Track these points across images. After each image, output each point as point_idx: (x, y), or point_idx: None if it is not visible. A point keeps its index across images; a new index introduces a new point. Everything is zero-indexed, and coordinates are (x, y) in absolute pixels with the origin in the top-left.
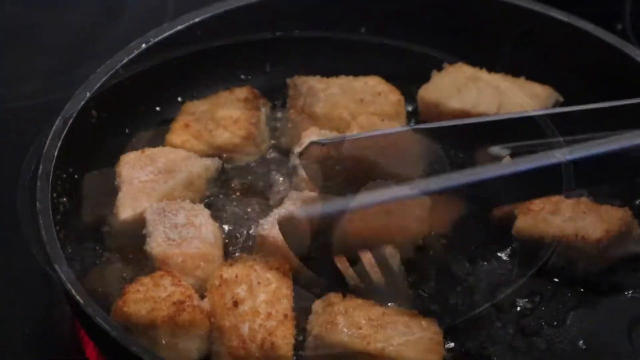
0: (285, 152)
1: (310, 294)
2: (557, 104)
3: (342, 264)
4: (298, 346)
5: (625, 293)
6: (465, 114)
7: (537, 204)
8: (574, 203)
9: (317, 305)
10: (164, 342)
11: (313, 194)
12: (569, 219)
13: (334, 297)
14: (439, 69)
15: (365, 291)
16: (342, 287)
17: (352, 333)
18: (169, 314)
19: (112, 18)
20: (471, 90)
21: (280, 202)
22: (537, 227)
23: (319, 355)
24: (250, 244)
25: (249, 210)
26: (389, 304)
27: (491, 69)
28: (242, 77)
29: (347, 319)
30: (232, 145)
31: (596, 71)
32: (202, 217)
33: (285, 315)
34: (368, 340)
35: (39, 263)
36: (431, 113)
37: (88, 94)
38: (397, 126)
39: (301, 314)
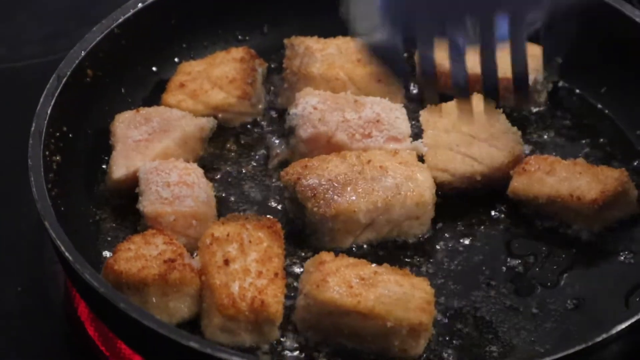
0: (282, 113)
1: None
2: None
3: None
4: (289, 306)
5: (621, 256)
6: None
7: (533, 164)
8: (570, 164)
9: (308, 264)
10: (154, 300)
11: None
12: (564, 179)
13: (325, 255)
14: None
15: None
16: None
17: (343, 291)
18: (159, 272)
19: None
20: None
21: (278, 165)
22: (532, 187)
23: (310, 313)
24: (243, 205)
25: (243, 171)
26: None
27: None
28: (240, 37)
29: (338, 277)
30: (228, 105)
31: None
32: (196, 176)
33: (276, 274)
34: (359, 298)
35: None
36: None
37: (83, 53)
38: (394, 85)
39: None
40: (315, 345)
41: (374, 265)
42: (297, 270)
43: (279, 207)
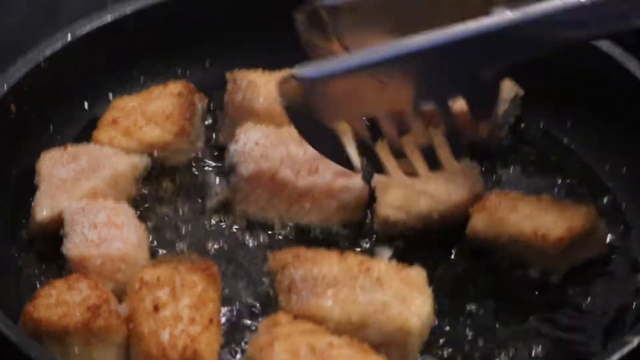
0: (223, 150)
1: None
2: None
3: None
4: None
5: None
6: None
7: (493, 201)
8: (533, 199)
9: (262, 323)
10: (76, 350)
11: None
12: (527, 216)
13: (282, 317)
14: None
15: None
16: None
17: None
18: (82, 320)
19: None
20: None
21: (217, 205)
22: (493, 225)
23: None
24: (178, 247)
25: (180, 212)
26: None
27: None
28: (180, 73)
29: (286, 343)
30: (164, 143)
31: None
32: (125, 216)
33: (211, 320)
34: None
35: None
36: None
37: (6, 87)
38: None
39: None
40: None
41: (333, 336)
42: None
43: (215, 248)
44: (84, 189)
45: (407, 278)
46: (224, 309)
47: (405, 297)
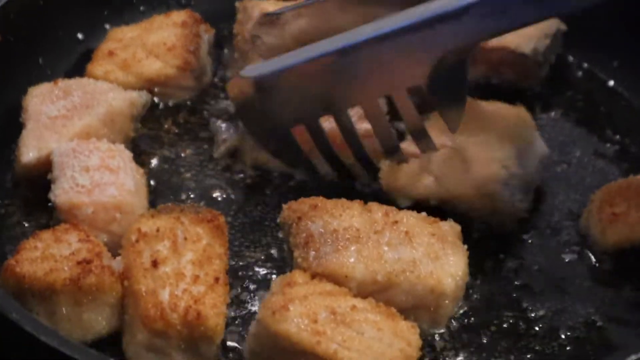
0: None
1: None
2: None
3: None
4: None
5: None
6: None
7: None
8: None
9: (276, 282)
10: (64, 311)
11: None
12: None
13: (298, 275)
14: None
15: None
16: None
17: (303, 325)
18: (71, 276)
19: None
20: None
21: (226, 153)
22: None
23: (260, 345)
24: (180, 196)
25: (182, 156)
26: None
27: None
28: (184, 1)
29: (302, 307)
30: (165, 77)
31: None
32: (121, 159)
33: (217, 279)
34: (320, 338)
35: None
36: None
37: None
38: None
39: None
40: None
41: (355, 298)
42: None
43: (222, 197)
44: (76, 128)
45: (439, 233)
46: (231, 265)
47: (438, 254)
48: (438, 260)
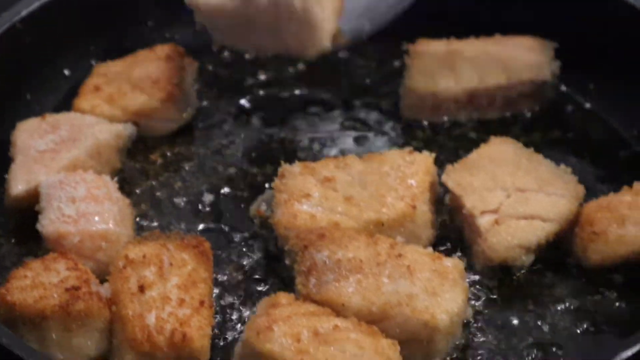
0: None
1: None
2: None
3: None
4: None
5: None
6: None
7: (601, 223)
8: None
9: (261, 304)
10: (54, 336)
11: None
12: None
13: (282, 297)
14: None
15: None
16: None
17: (287, 345)
18: (60, 303)
19: None
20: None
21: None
22: (611, 250)
23: None
24: (167, 226)
25: (168, 185)
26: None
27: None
28: (168, 36)
29: (286, 327)
30: (150, 110)
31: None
32: (107, 189)
33: (202, 303)
34: (303, 356)
35: None
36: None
37: None
38: None
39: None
40: None
41: (337, 318)
42: None
43: (210, 227)
44: (64, 162)
45: (442, 269)
46: (216, 290)
47: (435, 289)
48: (435, 296)
